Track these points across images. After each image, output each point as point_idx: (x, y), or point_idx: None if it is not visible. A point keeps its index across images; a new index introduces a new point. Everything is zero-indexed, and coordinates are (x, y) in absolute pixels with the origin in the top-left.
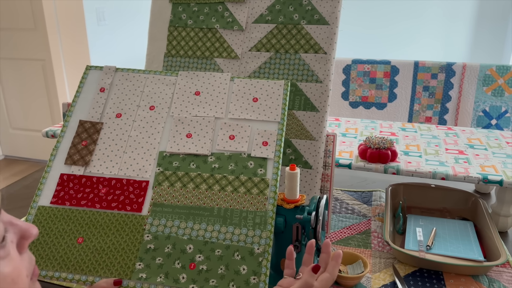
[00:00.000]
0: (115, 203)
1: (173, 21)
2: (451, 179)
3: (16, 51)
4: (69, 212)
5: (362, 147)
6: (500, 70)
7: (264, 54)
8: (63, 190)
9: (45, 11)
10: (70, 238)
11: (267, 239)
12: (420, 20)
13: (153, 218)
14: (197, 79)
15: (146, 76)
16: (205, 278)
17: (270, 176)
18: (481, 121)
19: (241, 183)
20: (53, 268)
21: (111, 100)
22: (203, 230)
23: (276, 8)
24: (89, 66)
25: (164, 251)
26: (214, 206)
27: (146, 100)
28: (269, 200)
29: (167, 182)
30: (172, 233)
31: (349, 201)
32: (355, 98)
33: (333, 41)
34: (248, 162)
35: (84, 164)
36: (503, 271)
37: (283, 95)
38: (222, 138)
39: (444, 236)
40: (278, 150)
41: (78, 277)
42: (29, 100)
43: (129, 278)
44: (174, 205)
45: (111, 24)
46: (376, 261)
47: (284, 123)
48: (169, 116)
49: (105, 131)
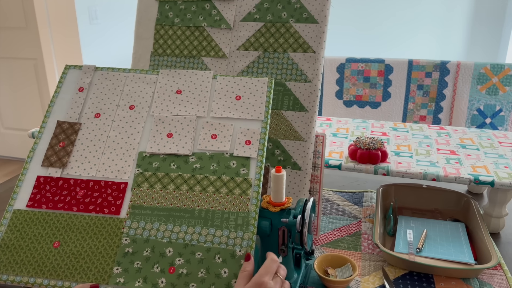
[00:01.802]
0: (92, 206)
1: (160, 19)
2: (442, 180)
3: (7, 50)
4: (45, 215)
5: (352, 148)
6: (494, 68)
7: (252, 53)
8: (40, 193)
9: (37, 9)
10: (46, 243)
11: (250, 240)
12: (416, 19)
13: (131, 221)
14: (178, 77)
15: (127, 75)
16: (185, 282)
17: (253, 176)
18: (475, 120)
19: (223, 183)
20: (28, 273)
21: (89, 100)
22: (183, 232)
23: (264, 6)
24: (68, 66)
25: (142, 255)
26: (195, 207)
27: (126, 100)
28: (252, 201)
29: (146, 183)
30: (151, 236)
31: (340, 202)
32: (349, 97)
33: (322, 40)
34: (230, 162)
35: (61, 165)
36: (494, 273)
37: (266, 92)
38: (204, 137)
39: (435, 238)
40: (261, 149)
41: (54, 282)
42: (20, 100)
43: (106, 283)
44: (154, 207)
45: (103, 23)
46: (366, 263)
47: (267, 121)
48: (150, 116)
49: (83, 132)
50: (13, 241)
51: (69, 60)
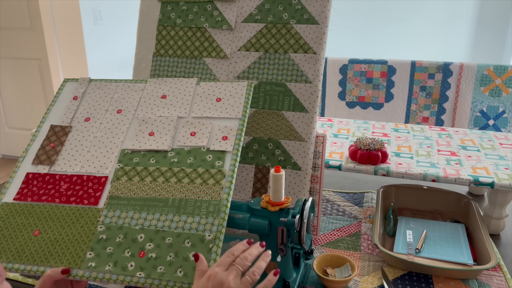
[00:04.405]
0: (74, 198)
1: (162, 20)
2: (442, 181)
3: (12, 50)
4: (29, 207)
5: (353, 148)
6: (497, 70)
7: (253, 54)
8: (27, 188)
9: (42, 10)
10: (28, 231)
11: (219, 226)
12: (419, 20)
13: (108, 210)
14: (164, 84)
15: (118, 84)
16: (153, 265)
17: (227, 168)
18: (478, 122)
19: (198, 174)
20: (7, 259)
21: (82, 106)
22: (156, 220)
23: (266, 7)
24: (66, 79)
25: (115, 241)
26: (169, 197)
27: (114, 105)
28: (225, 190)
29: (125, 176)
30: (125, 224)
31: (340, 203)
32: (352, 98)
33: (323, 41)
34: (206, 156)
35: (49, 163)
36: (493, 274)
37: (245, 94)
38: (184, 135)
39: (435, 239)
40: (237, 144)
41: (29, 267)
42: (25, 99)
43: (78, 267)
44: (130, 198)
45: (107, 23)
46: (365, 264)
47: (245, 120)
48: (135, 118)
49: (72, 134)
50: None
51: (74, 60)
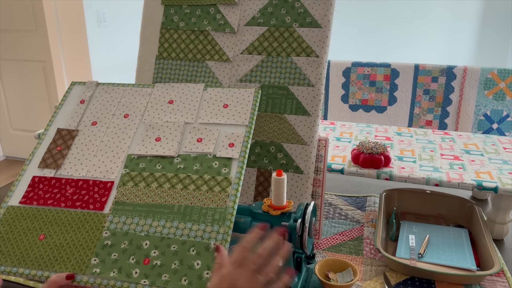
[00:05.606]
0: (79, 202)
1: (165, 23)
2: (445, 186)
3: (17, 52)
4: (35, 211)
5: (355, 152)
6: (501, 73)
7: (256, 57)
8: (33, 191)
9: (46, 12)
10: (33, 235)
11: (225, 234)
12: (423, 22)
13: (113, 216)
14: (172, 89)
15: (125, 88)
16: (158, 273)
17: (233, 175)
18: (482, 125)
19: (204, 181)
20: (12, 263)
21: (89, 110)
22: (161, 226)
23: (268, 10)
24: (73, 82)
25: (120, 247)
26: (175, 203)
27: (121, 109)
28: (231, 197)
29: (131, 182)
30: (131, 230)
31: (342, 207)
32: (355, 101)
33: (326, 45)
34: (213, 162)
35: (56, 167)
36: (497, 280)
37: (253, 101)
38: (190, 141)
39: (437, 243)
40: (244, 151)
41: (34, 272)
42: (29, 101)
43: (83, 273)
44: (136, 204)
45: (111, 25)
46: (367, 268)
47: (252, 126)
48: (142, 123)
49: (79, 138)
50: (2, 234)
51: (78, 62)
